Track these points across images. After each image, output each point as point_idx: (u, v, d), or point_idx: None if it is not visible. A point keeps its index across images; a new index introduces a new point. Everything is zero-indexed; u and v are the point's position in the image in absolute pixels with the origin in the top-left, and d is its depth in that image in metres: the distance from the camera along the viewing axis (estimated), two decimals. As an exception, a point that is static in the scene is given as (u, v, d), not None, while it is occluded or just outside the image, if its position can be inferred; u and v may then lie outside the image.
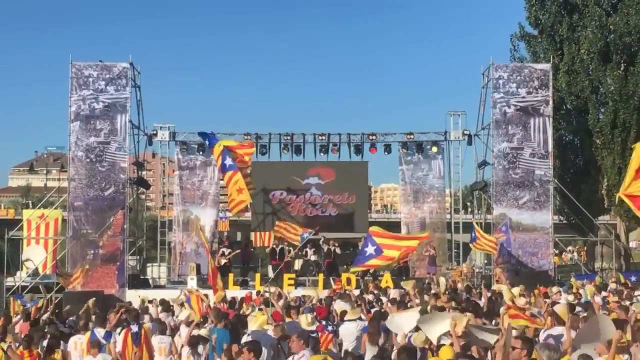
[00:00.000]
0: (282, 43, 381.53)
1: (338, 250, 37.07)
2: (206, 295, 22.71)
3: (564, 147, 43.28)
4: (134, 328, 16.51)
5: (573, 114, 43.45)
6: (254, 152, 35.56)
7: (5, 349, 15.55)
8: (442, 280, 25.73)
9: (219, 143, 32.10)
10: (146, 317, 20.41)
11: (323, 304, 22.46)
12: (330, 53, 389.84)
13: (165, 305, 23.08)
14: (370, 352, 14.68)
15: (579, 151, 44.01)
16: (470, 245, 33.42)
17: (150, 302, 25.58)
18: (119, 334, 17.10)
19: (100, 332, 16.54)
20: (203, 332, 16.30)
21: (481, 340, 11.03)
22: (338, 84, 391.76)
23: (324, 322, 16.92)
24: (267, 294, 23.89)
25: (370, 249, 26.96)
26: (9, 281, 36.29)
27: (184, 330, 17.55)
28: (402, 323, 14.11)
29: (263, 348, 14.90)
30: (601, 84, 41.93)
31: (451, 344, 11.97)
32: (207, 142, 32.84)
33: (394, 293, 24.14)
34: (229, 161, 30.36)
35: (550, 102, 36.09)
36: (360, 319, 17.34)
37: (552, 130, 36.30)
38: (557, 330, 13.50)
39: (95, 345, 15.57)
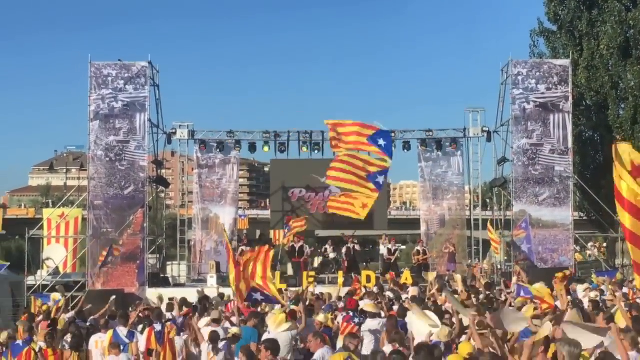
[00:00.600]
0: (301, 40, 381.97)
1: (358, 248, 37.10)
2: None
3: (584, 143, 43.13)
4: (158, 327, 16.57)
5: (593, 110, 43.26)
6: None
7: (37, 350, 15.67)
8: (459, 277, 25.67)
9: None
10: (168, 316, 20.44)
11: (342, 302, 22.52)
12: (349, 50, 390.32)
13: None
14: (388, 349, 14.73)
15: (599, 147, 43.78)
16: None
17: (171, 300, 25.62)
18: (142, 332, 17.20)
19: (122, 331, 16.60)
20: (234, 330, 16.33)
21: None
22: (357, 81, 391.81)
23: (351, 313, 17.04)
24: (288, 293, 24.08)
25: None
26: (30, 280, 36.39)
27: (205, 328, 17.58)
28: (419, 328, 14.12)
29: (282, 346, 14.98)
30: (621, 80, 41.75)
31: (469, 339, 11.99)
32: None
33: (412, 291, 24.14)
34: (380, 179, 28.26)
35: (570, 98, 35.91)
36: (380, 316, 17.40)
37: (571, 126, 36.11)
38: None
39: (116, 347, 15.61)
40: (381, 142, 24.68)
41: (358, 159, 25.20)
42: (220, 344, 15.80)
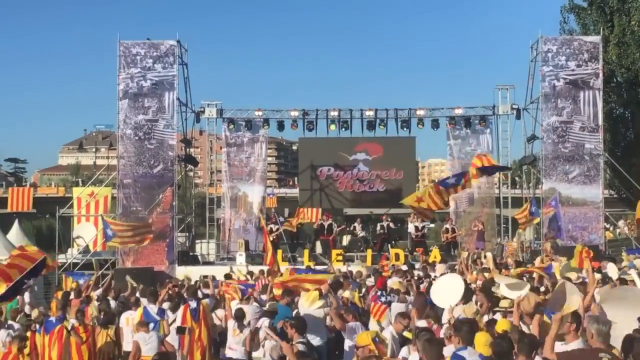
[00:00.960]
0: (329, 18, 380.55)
1: (392, 225, 37.16)
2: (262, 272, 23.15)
3: (614, 120, 42.72)
4: (193, 304, 16.66)
5: (623, 87, 42.81)
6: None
7: (69, 328, 15.80)
8: (489, 255, 25.56)
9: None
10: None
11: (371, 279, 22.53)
12: (377, 28, 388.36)
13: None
14: (422, 324, 14.76)
15: (629, 124, 43.40)
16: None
17: (205, 277, 25.76)
18: (172, 310, 17.30)
19: (153, 309, 16.70)
20: (272, 305, 16.41)
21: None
22: (386, 60, 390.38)
23: (378, 293, 17.05)
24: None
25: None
26: (61, 258, 36.67)
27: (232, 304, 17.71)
28: (447, 296, 14.10)
29: (315, 324, 15.05)
30: (652, 56, 41.30)
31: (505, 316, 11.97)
32: None
33: (440, 268, 24.10)
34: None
35: (600, 75, 35.62)
36: (408, 294, 17.40)
37: (602, 103, 35.82)
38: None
39: (145, 325, 15.70)
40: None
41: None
42: (245, 322, 15.89)
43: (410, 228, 37.57)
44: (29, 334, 16.14)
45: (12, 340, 14.66)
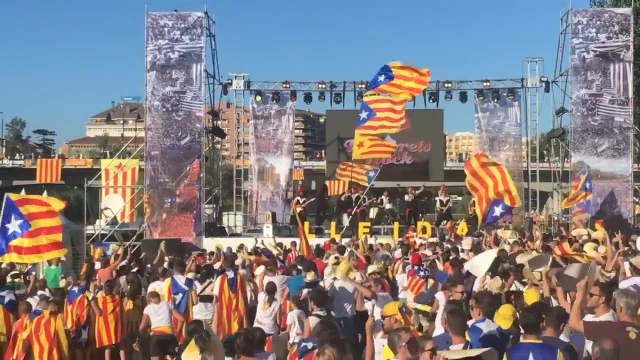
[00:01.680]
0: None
1: (417, 198, 37.03)
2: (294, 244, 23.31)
3: (644, 93, 42.36)
4: (230, 274, 16.73)
5: (654, 60, 42.45)
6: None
7: (90, 298, 15.91)
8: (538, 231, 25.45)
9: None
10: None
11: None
12: (407, 1, 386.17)
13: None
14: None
15: (659, 97, 43.03)
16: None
17: (240, 247, 25.82)
18: (200, 281, 17.37)
19: (181, 279, 16.77)
20: (311, 276, 16.48)
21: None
22: (413, 33, 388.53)
23: (415, 267, 17.16)
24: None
25: (363, 114, 27.16)
26: (89, 229, 36.91)
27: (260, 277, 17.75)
28: (479, 264, 14.12)
29: (346, 296, 15.15)
30: (683, 28, 40.89)
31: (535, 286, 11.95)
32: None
33: (466, 242, 24.02)
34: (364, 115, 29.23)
35: (631, 47, 35.30)
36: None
37: (632, 76, 35.57)
38: (636, 280, 13.26)
39: (155, 296, 15.80)
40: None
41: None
42: (276, 295, 15.95)
43: (437, 202, 37.50)
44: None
45: (46, 305, 14.78)
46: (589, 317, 9.84)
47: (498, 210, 22.44)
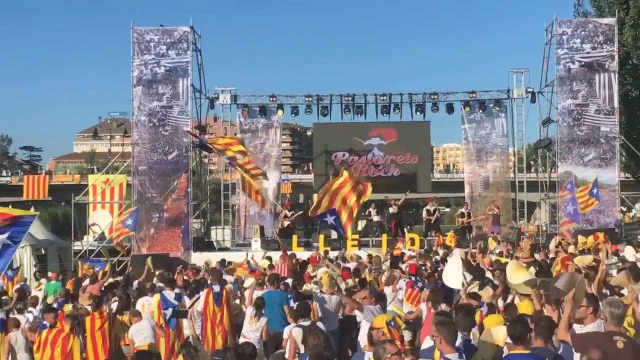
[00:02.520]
0: (343, 4, 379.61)
1: (397, 210, 36.87)
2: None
3: (630, 102, 42.43)
4: (216, 288, 16.69)
5: (639, 69, 42.58)
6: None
7: (67, 313, 15.83)
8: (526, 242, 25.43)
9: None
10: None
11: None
12: (391, 13, 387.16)
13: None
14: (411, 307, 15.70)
15: (645, 106, 43.17)
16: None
17: (229, 263, 25.83)
18: (189, 296, 17.34)
19: (170, 294, 16.73)
20: (307, 287, 16.57)
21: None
22: (399, 45, 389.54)
23: (413, 278, 17.25)
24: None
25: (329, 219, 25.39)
26: (77, 245, 36.83)
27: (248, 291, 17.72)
28: (450, 274, 14.15)
29: (332, 308, 15.20)
30: (668, 38, 41.02)
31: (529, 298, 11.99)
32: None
33: (459, 253, 24.06)
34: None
35: (616, 57, 35.49)
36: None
37: (617, 85, 35.71)
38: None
39: (137, 314, 15.74)
40: None
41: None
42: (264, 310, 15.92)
43: (424, 212, 37.59)
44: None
45: (64, 320, 14.80)
46: (576, 328, 9.90)
47: (330, 220, 22.04)
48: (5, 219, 15.22)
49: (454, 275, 13.54)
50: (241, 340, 15.29)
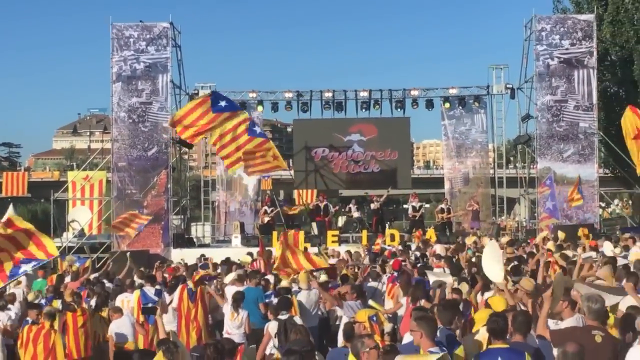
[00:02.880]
0: (323, 0, 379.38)
1: (379, 206, 36.90)
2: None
3: (608, 98, 42.67)
4: (190, 284, 16.67)
5: (618, 65, 42.74)
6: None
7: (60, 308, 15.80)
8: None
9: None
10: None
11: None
12: (370, 9, 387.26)
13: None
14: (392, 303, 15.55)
15: (624, 103, 43.08)
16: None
17: (206, 259, 25.85)
18: (169, 292, 17.31)
19: (150, 290, 16.70)
20: (284, 283, 16.62)
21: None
22: (379, 40, 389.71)
23: (395, 274, 17.32)
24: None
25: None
26: (56, 242, 36.56)
27: (229, 289, 17.67)
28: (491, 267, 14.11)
29: (311, 304, 15.27)
30: (646, 34, 41.24)
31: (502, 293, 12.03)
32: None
33: (439, 249, 24.17)
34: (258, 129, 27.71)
35: (595, 54, 35.63)
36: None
37: (596, 82, 35.86)
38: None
39: (118, 310, 15.72)
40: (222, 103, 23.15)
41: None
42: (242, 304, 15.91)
43: (409, 208, 37.63)
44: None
45: (43, 317, 14.74)
46: (551, 324, 9.97)
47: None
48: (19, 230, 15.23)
49: (493, 267, 13.19)
50: (225, 336, 15.30)
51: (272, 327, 13.03)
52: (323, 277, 17.31)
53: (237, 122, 21.60)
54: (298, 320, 13.18)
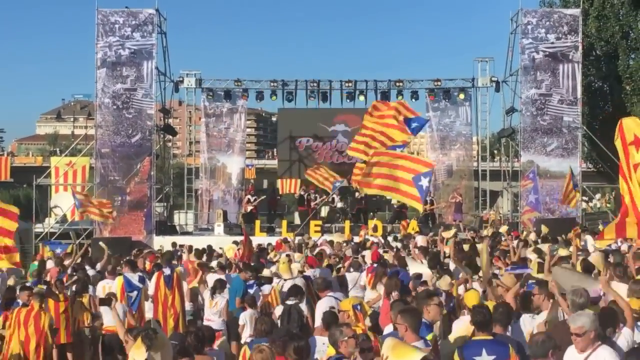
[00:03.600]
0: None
1: (357, 195, 36.82)
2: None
3: (593, 93, 42.82)
4: (167, 271, 16.60)
5: (603, 60, 42.90)
6: None
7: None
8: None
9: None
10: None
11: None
12: (358, 0, 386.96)
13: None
14: (371, 293, 15.56)
15: (608, 97, 43.51)
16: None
17: (181, 246, 25.84)
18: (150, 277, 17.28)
19: (133, 277, 16.63)
20: (267, 272, 16.70)
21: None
22: (365, 31, 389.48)
23: (375, 265, 17.40)
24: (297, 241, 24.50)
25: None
26: (38, 227, 36.61)
27: (211, 277, 17.67)
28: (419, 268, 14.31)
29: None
30: (631, 29, 41.43)
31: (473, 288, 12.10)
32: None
33: (421, 240, 24.19)
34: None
35: (580, 48, 35.73)
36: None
37: (581, 76, 35.97)
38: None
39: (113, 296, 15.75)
40: (414, 125, 22.74)
41: (379, 132, 23.71)
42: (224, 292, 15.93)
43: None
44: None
45: (33, 298, 14.74)
46: (526, 318, 10.10)
47: (424, 182, 18.24)
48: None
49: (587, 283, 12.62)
50: (205, 323, 15.32)
51: (243, 317, 13.08)
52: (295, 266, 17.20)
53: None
54: (303, 307, 13.25)
